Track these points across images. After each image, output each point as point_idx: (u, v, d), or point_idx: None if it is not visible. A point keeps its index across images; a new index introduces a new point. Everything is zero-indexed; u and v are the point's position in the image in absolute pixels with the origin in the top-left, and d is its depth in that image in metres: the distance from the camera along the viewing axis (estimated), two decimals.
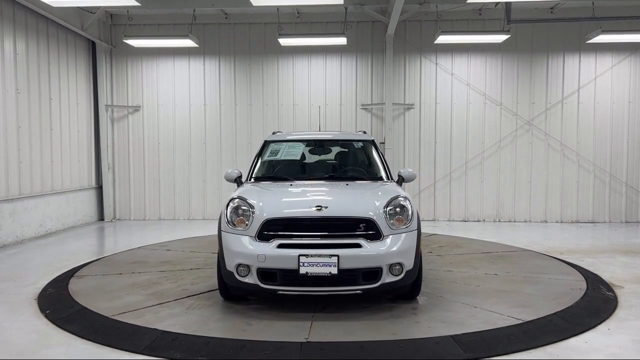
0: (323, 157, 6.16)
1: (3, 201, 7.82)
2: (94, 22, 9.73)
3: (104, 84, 10.45)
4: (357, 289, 4.34)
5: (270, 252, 4.27)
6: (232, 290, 4.74)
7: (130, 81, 10.70)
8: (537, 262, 6.61)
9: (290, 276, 4.26)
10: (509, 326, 4.16)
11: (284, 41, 9.45)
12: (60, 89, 9.39)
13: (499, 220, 10.42)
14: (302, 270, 4.21)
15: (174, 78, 10.66)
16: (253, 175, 5.64)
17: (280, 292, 4.36)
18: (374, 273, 4.32)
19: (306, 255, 4.22)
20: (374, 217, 4.40)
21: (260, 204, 4.52)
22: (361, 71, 10.51)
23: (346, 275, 4.26)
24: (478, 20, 10.19)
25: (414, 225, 4.57)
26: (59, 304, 4.86)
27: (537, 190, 10.40)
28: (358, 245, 4.31)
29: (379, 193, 4.82)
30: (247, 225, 4.45)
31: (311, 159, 6.13)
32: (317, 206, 4.43)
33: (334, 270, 4.20)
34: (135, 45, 9.94)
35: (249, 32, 10.54)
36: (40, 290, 5.33)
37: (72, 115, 9.79)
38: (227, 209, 4.63)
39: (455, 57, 10.37)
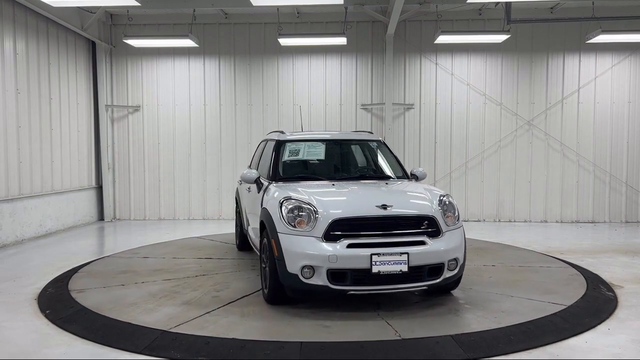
0: (336, 156, 6.16)
1: (3, 201, 7.82)
2: (94, 22, 9.72)
3: (104, 84, 10.45)
4: (423, 285, 4.45)
5: (342, 252, 4.23)
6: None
7: (130, 81, 10.70)
8: (515, 252, 7.12)
9: (361, 275, 4.24)
10: (508, 326, 4.17)
11: (284, 41, 9.44)
12: (60, 89, 9.39)
13: (499, 220, 10.42)
14: (374, 269, 4.22)
15: (174, 78, 10.65)
16: (279, 176, 5.44)
17: (352, 292, 4.33)
18: (437, 269, 4.46)
19: (378, 254, 4.23)
20: (435, 215, 4.54)
21: (322, 204, 4.47)
22: (361, 71, 10.51)
23: (414, 272, 4.34)
24: (478, 20, 10.19)
25: (460, 221, 4.83)
26: (59, 304, 4.86)
27: (537, 190, 10.40)
28: (423, 243, 4.41)
29: (426, 192, 4.96)
30: (309, 225, 4.37)
31: (331, 158, 6.08)
32: (382, 205, 4.44)
33: (405, 268, 4.27)
34: (135, 45, 9.93)
35: (249, 32, 10.54)
36: (40, 290, 5.33)
37: (72, 115, 9.79)
38: (281, 210, 4.52)
39: (455, 57, 10.37)
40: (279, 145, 5.81)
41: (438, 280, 4.48)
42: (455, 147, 10.45)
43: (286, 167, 5.70)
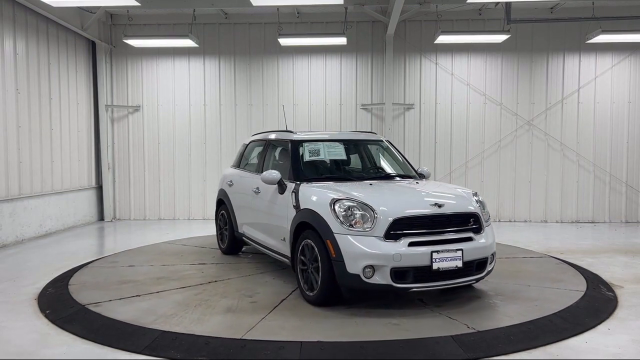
0: (354, 156, 6.19)
1: (3, 201, 7.82)
2: (94, 22, 9.72)
3: (104, 84, 10.45)
4: (472, 279, 4.67)
5: (405, 251, 4.30)
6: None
7: (130, 81, 10.70)
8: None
9: (422, 273, 4.35)
10: (508, 326, 4.17)
11: (284, 41, 9.44)
12: (60, 89, 9.39)
13: (499, 220, 10.42)
14: (435, 266, 4.34)
15: (174, 78, 10.65)
16: (304, 176, 5.31)
17: (414, 289, 4.42)
18: (483, 263, 4.70)
19: (437, 251, 4.36)
20: (478, 212, 4.77)
21: (377, 203, 4.49)
22: (361, 71, 10.50)
23: (467, 267, 4.52)
24: (478, 20, 10.19)
25: (490, 218, 5.12)
26: (59, 304, 4.85)
27: (537, 190, 10.39)
28: (471, 239, 4.61)
29: (458, 190, 5.17)
30: (368, 225, 4.38)
31: (350, 158, 6.08)
32: (435, 203, 4.58)
33: (460, 264, 4.43)
34: (135, 45, 9.93)
35: (249, 32, 10.54)
36: (40, 290, 5.33)
37: (72, 115, 9.79)
38: (334, 210, 4.49)
39: (455, 57, 10.37)
40: (297, 145, 5.65)
41: (483, 274, 4.72)
42: (455, 147, 10.45)
43: (310, 168, 5.57)
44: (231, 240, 6.77)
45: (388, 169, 6.06)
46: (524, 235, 8.73)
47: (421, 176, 5.86)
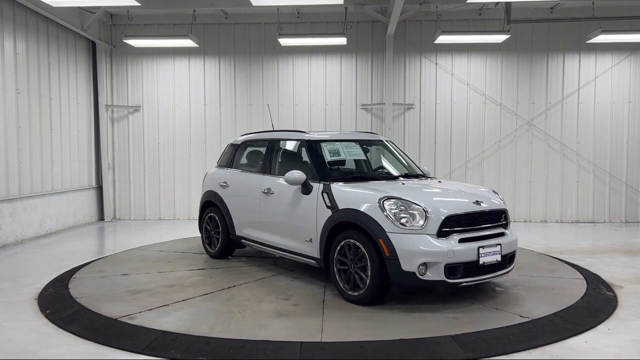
0: (371, 156, 6.27)
1: (3, 201, 7.82)
2: (94, 22, 9.73)
3: (104, 84, 10.45)
4: (506, 271, 4.90)
5: (457, 247, 4.44)
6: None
7: (130, 81, 10.70)
8: None
9: (469, 267, 4.51)
10: (508, 326, 4.16)
11: (284, 41, 9.45)
12: (60, 89, 9.39)
13: None
14: (481, 261, 4.54)
15: (174, 78, 10.65)
16: (331, 176, 5.25)
17: (464, 283, 4.55)
18: (513, 256, 4.98)
19: (483, 247, 4.57)
20: (507, 208, 5.08)
21: (427, 202, 4.58)
22: (361, 71, 10.50)
23: (503, 261, 4.76)
24: (478, 20, 10.19)
25: None
26: (59, 304, 4.85)
27: (537, 190, 10.39)
28: (503, 234, 4.85)
29: (481, 189, 5.36)
30: (420, 223, 4.44)
31: (369, 159, 6.14)
32: (476, 201, 4.78)
33: (499, 257, 4.69)
34: (135, 45, 9.94)
35: (249, 32, 10.54)
36: (40, 290, 5.33)
37: (72, 115, 9.79)
38: (384, 209, 4.51)
39: (455, 57, 10.37)
40: (315, 145, 5.57)
41: (512, 267, 4.98)
42: (455, 147, 10.45)
43: (335, 168, 5.53)
44: (225, 243, 6.53)
45: (403, 168, 6.07)
46: (524, 236, 8.71)
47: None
